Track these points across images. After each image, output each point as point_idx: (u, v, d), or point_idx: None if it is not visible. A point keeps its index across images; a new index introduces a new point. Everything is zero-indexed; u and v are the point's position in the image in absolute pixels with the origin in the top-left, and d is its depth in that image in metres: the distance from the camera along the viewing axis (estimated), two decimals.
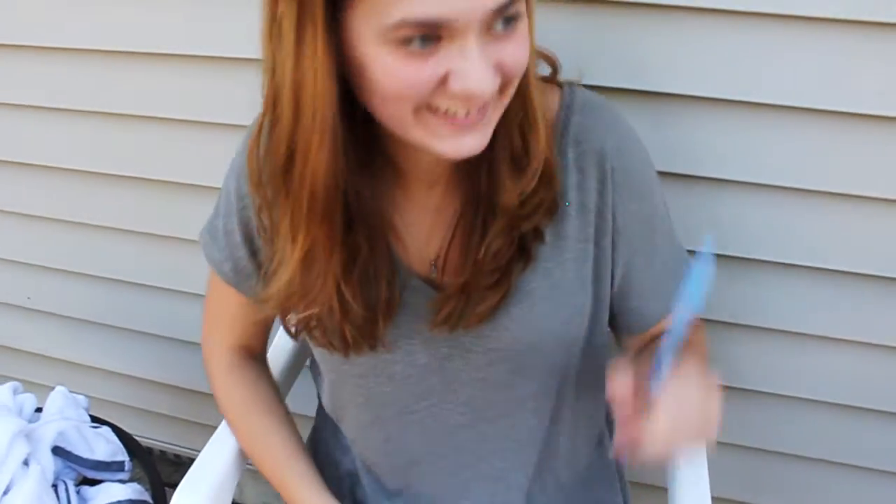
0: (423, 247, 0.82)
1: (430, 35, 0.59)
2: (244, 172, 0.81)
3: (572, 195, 0.80)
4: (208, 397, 1.09)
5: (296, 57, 0.62)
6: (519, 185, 0.74)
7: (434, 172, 0.78)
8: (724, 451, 1.28)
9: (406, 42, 0.59)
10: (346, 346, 0.82)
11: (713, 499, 0.96)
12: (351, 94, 0.66)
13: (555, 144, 0.78)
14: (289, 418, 1.03)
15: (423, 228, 0.82)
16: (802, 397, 1.21)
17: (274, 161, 0.69)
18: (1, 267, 1.72)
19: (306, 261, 0.72)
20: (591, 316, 0.85)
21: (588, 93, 0.82)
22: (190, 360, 1.62)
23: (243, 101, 0.75)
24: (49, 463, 1.18)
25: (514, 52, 0.63)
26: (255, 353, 1.06)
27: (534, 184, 0.74)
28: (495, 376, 0.86)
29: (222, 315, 1.01)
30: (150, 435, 1.82)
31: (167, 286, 1.54)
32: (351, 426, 1.01)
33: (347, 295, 0.76)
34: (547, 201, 0.76)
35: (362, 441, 1.01)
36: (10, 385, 1.32)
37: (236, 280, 0.94)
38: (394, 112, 0.64)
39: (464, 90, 0.61)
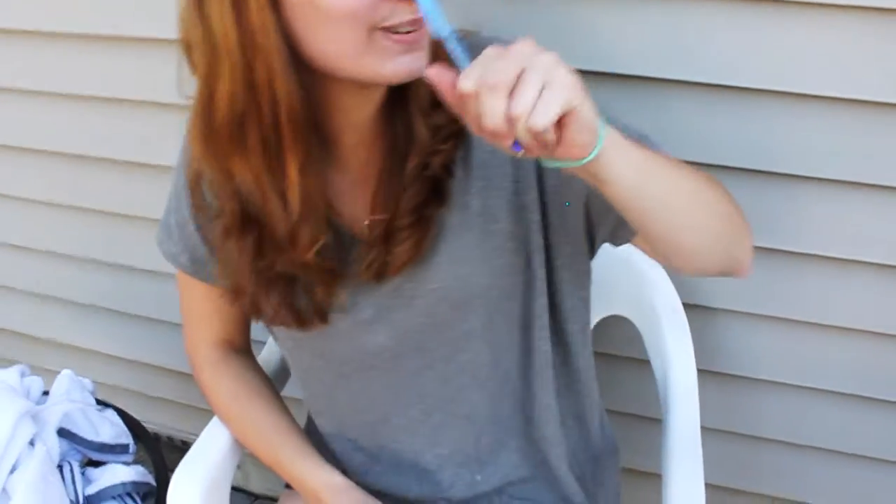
0: (355, 209, 0.86)
1: None
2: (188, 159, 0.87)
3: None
4: None
5: (236, 18, 0.67)
6: (430, 124, 0.80)
7: (356, 131, 0.82)
8: (717, 437, 1.29)
9: None
10: (298, 321, 0.88)
11: (707, 485, 0.97)
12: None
13: None
14: (279, 402, 1.05)
15: (352, 191, 0.86)
16: (795, 384, 1.22)
17: (224, 118, 0.72)
18: (9, 252, 1.75)
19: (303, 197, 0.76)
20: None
21: (483, 35, 0.84)
22: None
23: None
24: (54, 444, 1.20)
25: None
26: (238, 347, 1.08)
27: (442, 118, 0.79)
28: (440, 316, 0.89)
29: (196, 312, 1.05)
30: (156, 421, 1.84)
31: (174, 271, 1.56)
32: (319, 395, 1.03)
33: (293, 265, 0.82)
34: (454, 131, 0.81)
35: (331, 409, 1.02)
36: (17, 368, 1.34)
37: (194, 269, 0.97)
38: (347, 39, 0.69)
39: None
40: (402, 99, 0.80)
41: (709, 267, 0.81)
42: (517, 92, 0.57)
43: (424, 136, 0.80)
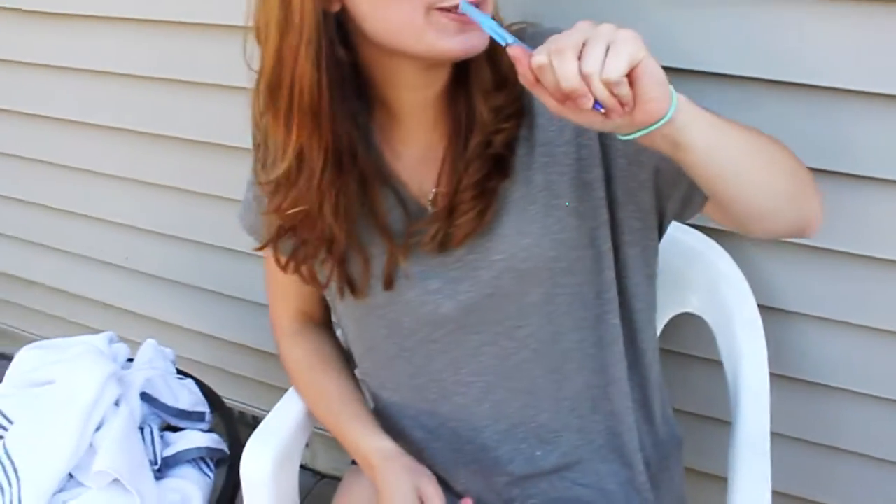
0: (422, 183, 0.93)
1: None
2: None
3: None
4: None
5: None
6: (491, 105, 0.86)
7: (422, 110, 0.90)
8: (788, 445, 1.26)
9: None
10: (351, 288, 0.95)
11: (774, 492, 0.96)
12: (340, 60, 0.81)
13: None
14: (348, 372, 1.09)
15: (419, 167, 0.92)
16: (876, 395, 1.18)
17: (264, 82, 0.82)
18: (101, 227, 1.83)
19: (298, 159, 0.85)
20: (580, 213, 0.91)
21: (544, 27, 0.90)
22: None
23: None
24: (137, 406, 1.26)
25: None
26: (316, 320, 1.14)
27: (502, 99, 0.86)
28: (504, 287, 0.92)
29: (278, 285, 1.11)
30: (230, 396, 1.90)
31: (257, 253, 1.61)
32: (380, 367, 1.05)
33: (337, 231, 0.89)
34: (515, 110, 0.87)
35: (392, 381, 1.04)
36: (106, 334, 1.41)
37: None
38: (408, 16, 0.77)
39: None
40: (465, 82, 0.87)
41: (780, 226, 0.85)
42: (585, 53, 0.63)
43: (486, 116, 0.86)
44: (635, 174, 0.89)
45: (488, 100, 0.86)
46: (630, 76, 0.64)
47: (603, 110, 0.66)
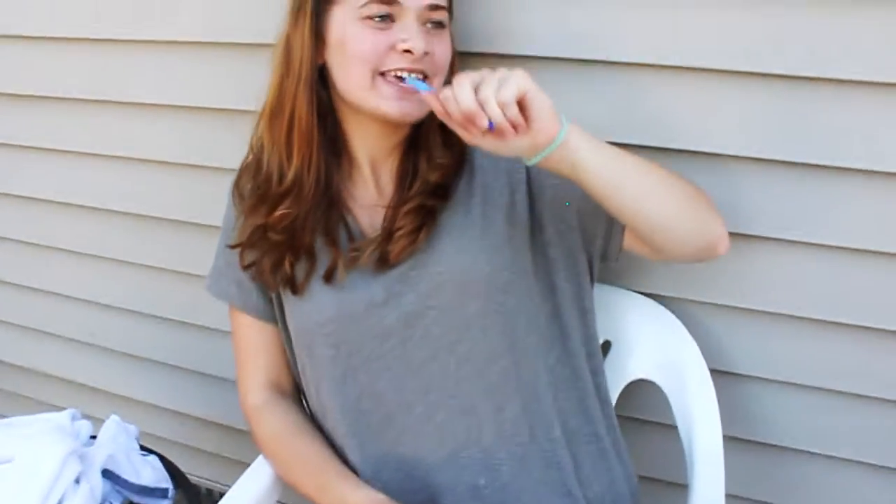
0: (372, 220, 1.07)
1: (385, 14, 0.95)
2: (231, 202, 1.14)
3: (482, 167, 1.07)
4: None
5: (286, 43, 1.01)
6: (435, 162, 1.04)
7: (380, 161, 1.07)
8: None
9: (371, 18, 0.95)
10: (291, 282, 1.05)
11: (728, 496, 1.01)
12: (322, 100, 1.02)
13: None
14: (321, 436, 1.11)
15: (371, 209, 1.07)
16: (825, 454, 1.21)
17: (267, 107, 1.04)
18: (66, 303, 1.83)
19: (295, 177, 1.02)
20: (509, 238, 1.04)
21: None
22: (236, 398, 1.69)
23: None
24: (98, 483, 1.24)
25: (440, 49, 1.00)
26: (285, 391, 1.17)
27: (448, 159, 1.04)
28: (444, 299, 1.02)
29: (246, 351, 1.16)
30: (196, 472, 1.88)
31: (222, 328, 1.63)
32: (330, 395, 1.08)
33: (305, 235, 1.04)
34: (458, 161, 1.05)
35: (340, 407, 1.07)
36: (69, 411, 1.40)
37: (242, 299, 1.14)
38: (358, 80, 0.97)
39: (405, 45, 0.95)
40: (416, 143, 1.05)
41: (690, 244, 0.97)
42: (481, 85, 0.80)
43: (429, 175, 1.03)
44: (562, 215, 1.04)
45: (432, 160, 1.04)
46: (521, 103, 0.80)
47: (493, 128, 0.81)
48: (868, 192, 1.04)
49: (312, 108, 1.00)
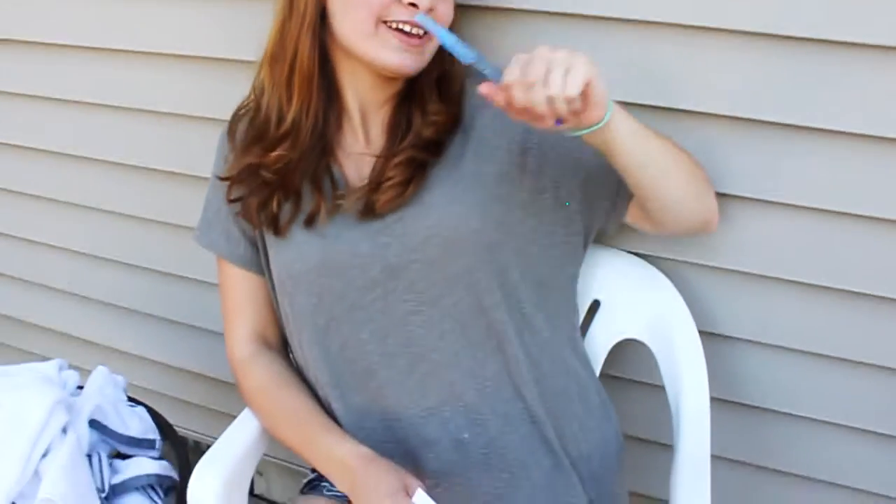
0: (360, 171, 1.06)
1: None
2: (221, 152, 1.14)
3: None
4: None
5: None
6: (430, 119, 1.03)
7: (371, 113, 1.07)
8: (728, 467, 1.30)
9: None
10: (274, 222, 1.05)
11: (712, 457, 1.02)
12: (324, 43, 1.01)
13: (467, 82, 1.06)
14: (306, 390, 1.11)
15: (360, 160, 1.07)
16: (809, 416, 1.23)
17: (268, 49, 1.04)
18: (55, 254, 1.82)
19: (294, 120, 1.03)
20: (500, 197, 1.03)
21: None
22: (224, 351, 1.69)
23: None
24: (85, 433, 1.25)
25: (444, 6, 0.98)
26: (271, 344, 1.16)
27: (443, 116, 1.03)
28: (430, 254, 1.01)
29: (234, 302, 1.15)
30: (183, 424, 1.89)
31: (211, 280, 1.62)
32: (312, 344, 1.08)
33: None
34: (453, 118, 1.04)
35: (322, 357, 1.07)
36: (55, 362, 1.40)
37: (230, 250, 1.14)
38: (359, 23, 0.96)
39: None
40: (412, 97, 1.04)
41: (688, 218, 1.02)
42: (548, 80, 0.78)
43: (422, 130, 1.03)
44: (567, 185, 1.05)
45: (426, 115, 1.03)
46: (583, 92, 0.80)
47: (561, 125, 0.83)
48: (862, 156, 1.04)
49: (315, 51, 1.00)
